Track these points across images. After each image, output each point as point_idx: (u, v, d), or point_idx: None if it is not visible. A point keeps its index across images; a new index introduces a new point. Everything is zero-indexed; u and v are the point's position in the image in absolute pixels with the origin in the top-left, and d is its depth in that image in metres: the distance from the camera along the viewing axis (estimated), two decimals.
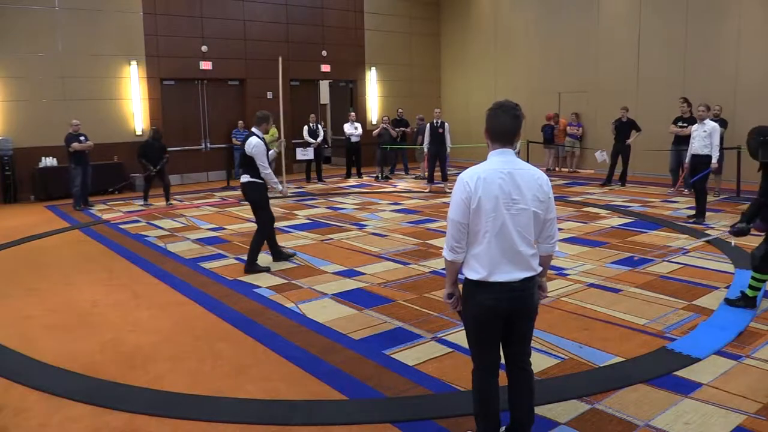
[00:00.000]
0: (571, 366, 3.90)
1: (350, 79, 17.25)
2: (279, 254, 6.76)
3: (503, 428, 2.99)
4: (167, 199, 11.32)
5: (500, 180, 2.62)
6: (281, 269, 6.46)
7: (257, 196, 6.39)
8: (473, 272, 2.69)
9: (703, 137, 8.45)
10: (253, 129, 6.40)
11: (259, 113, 6.46)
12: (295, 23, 15.84)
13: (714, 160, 8.37)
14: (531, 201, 2.65)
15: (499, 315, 2.70)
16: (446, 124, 12.31)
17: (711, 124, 8.51)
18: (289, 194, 6.65)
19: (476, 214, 2.62)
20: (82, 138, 10.85)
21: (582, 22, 14.74)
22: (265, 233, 6.49)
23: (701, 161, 8.45)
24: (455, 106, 18.16)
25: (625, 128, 11.99)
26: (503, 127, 2.70)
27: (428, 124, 12.37)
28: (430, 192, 12.10)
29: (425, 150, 12.60)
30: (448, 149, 12.41)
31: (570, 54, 15.04)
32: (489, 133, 2.74)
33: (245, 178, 6.37)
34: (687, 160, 8.83)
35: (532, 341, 4.30)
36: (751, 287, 4.89)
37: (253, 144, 6.22)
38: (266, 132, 6.48)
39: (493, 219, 2.61)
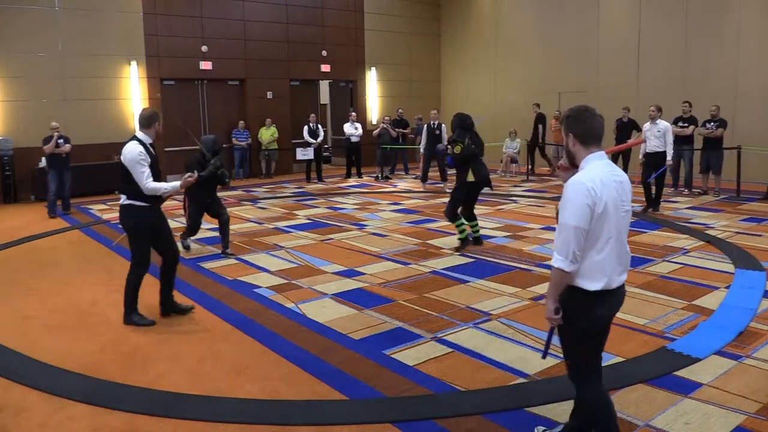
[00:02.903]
0: None
1: (350, 79, 17.24)
2: (172, 306, 5.13)
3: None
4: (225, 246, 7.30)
5: (614, 183, 2.60)
6: (281, 269, 6.46)
7: (132, 222, 4.81)
8: (594, 282, 2.58)
9: (658, 137, 9.04)
10: (138, 133, 4.79)
11: (144, 113, 4.86)
12: (295, 23, 15.83)
13: (669, 158, 9.00)
14: (629, 202, 2.68)
15: (611, 321, 2.77)
16: (443, 125, 12.34)
17: (663, 124, 9.10)
18: (193, 178, 5.00)
19: (601, 219, 2.54)
20: (60, 141, 10.32)
21: (582, 22, 14.74)
22: (141, 271, 4.90)
23: (658, 158, 9.04)
24: (455, 106, 18.07)
25: (626, 128, 12.04)
26: (597, 128, 2.68)
27: (425, 126, 12.42)
28: (424, 191, 12.11)
29: (421, 151, 12.65)
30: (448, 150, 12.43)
31: (570, 54, 15.04)
32: (581, 137, 2.66)
33: (124, 199, 4.82)
34: (641, 156, 9.37)
35: (533, 341, 4.32)
36: (459, 232, 7.00)
37: (128, 151, 4.65)
38: (156, 136, 4.87)
39: (615, 223, 2.59)
